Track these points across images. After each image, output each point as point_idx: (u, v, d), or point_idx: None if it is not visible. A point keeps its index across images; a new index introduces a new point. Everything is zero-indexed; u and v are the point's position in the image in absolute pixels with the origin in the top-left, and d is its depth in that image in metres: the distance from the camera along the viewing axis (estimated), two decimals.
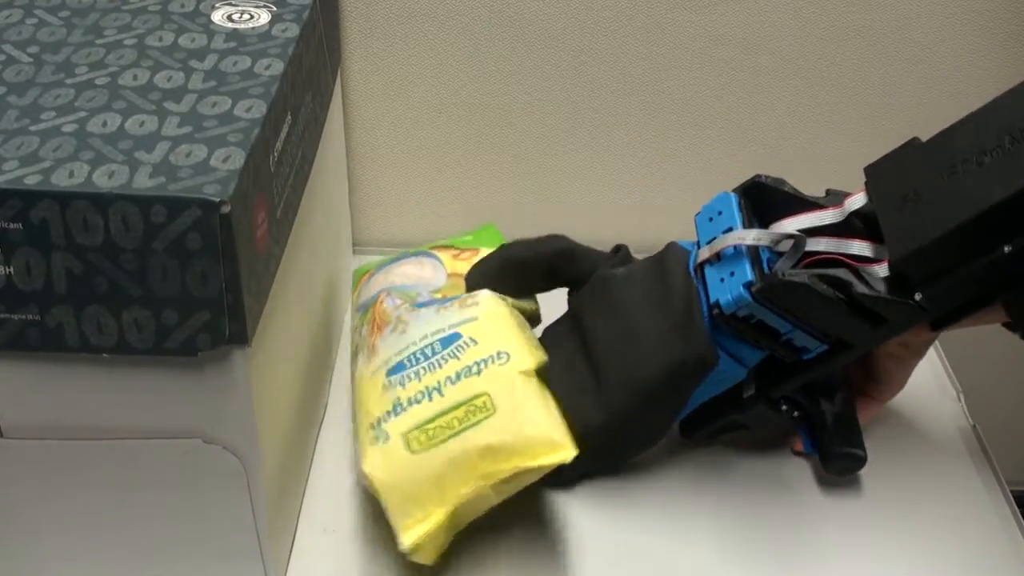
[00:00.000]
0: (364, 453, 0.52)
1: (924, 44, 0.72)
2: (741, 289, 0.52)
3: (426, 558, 0.52)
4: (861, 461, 0.58)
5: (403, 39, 0.72)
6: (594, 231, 0.80)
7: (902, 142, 0.56)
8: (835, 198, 0.56)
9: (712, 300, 0.53)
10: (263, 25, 0.54)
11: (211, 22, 0.55)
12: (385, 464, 0.51)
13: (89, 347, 0.44)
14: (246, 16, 0.55)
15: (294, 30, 0.54)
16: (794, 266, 0.52)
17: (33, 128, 0.45)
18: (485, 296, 0.56)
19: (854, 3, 0.71)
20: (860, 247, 0.53)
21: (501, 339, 0.54)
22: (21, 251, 0.42)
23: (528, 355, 0.53)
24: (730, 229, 0.54)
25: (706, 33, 0.72)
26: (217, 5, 0.56)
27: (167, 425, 0.47)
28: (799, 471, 0.61)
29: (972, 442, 0.64)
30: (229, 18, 0.55)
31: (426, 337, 0.55)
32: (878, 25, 0.71)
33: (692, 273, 0.55)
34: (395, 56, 0.73)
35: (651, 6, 0.71)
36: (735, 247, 0.53)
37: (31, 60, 0.50)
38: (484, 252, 0.63)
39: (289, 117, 0.52)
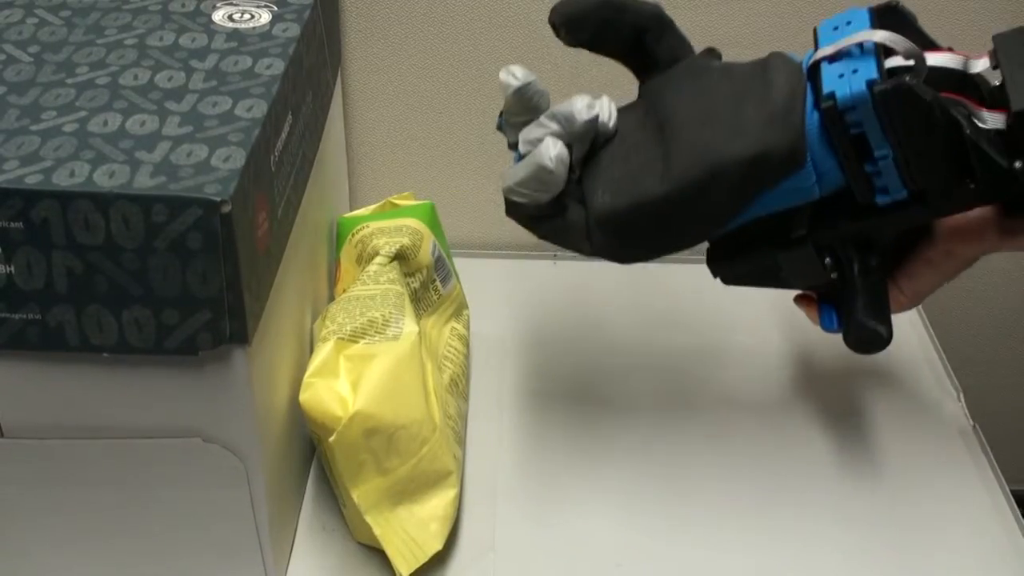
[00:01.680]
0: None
1: None
2: (863, 85, 0.49)
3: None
4: (884, 341, 0.54)
5: (403, 39, 0.72)
6: None
7: None
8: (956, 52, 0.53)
9: (827, 92, 0.50)
10: (264, 25, 0.55)
11: (212, 22, 0.55)
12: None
13: (89, 346, 0.44)
14: (247, 16, 0.55)
15: (295, 30, 0.54)
16: None
17: (34, 128, 0.45)
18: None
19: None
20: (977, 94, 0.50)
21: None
22: (22, 250, 0.42)
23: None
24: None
25: (706, 33, 0.72)
26: (218, 5, 0.56)
27: (167, 425, 0.47)
28: (798, 471, 0.61)
29: (972, 442, 0.64)
30: (230, 18, 0.55)
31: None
32: None
33: (802, 72, 0.52)
34: (395, 56, 0.73)
35: None
36: (861, 46, 0.51)
37: (32, 60, 0.50)
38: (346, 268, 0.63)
39: (290, 117, 0.52)
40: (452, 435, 0.57)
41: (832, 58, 0.51)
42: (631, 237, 0.53)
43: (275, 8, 0.56)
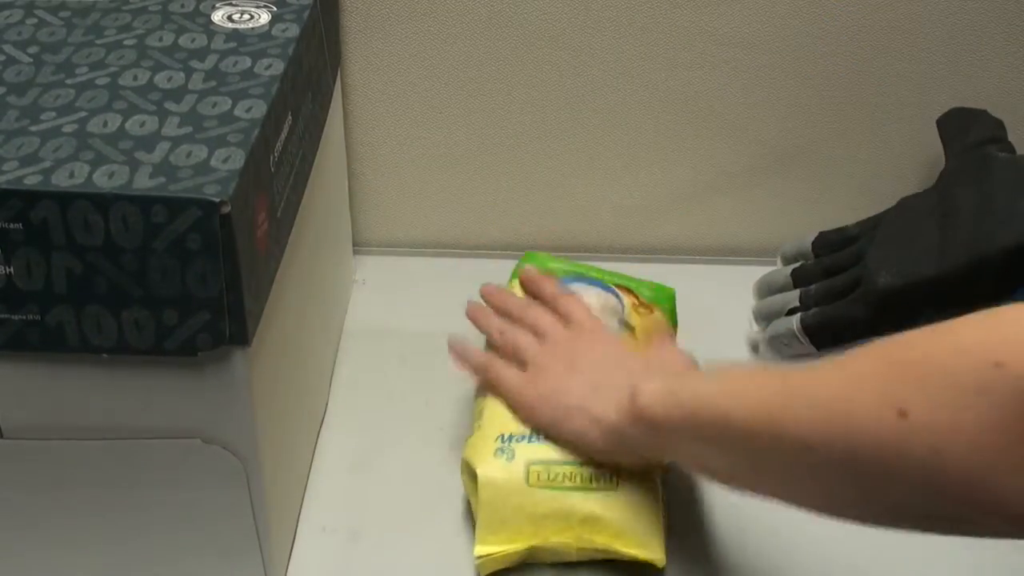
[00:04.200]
0: (482, 457, 0.55)
1: (924, 44, 0.72)
2: None
3: (485, 570, 0.54)
4: None
5: (403, 39, 0.72)
6: (594, 231, 0.80)
7: (902, 142, 0.56)
8: None
9: None
10: (263, 25, 0.55)
11: (211, 22, 0.55)
12: (500, 479, 0.54)
13: (89, 347, 0.44)
14: (246, 16, 0.55)
15: (294, 30, 0.54)
16: None
17: (33, 128, 0.45)
18: None
19: (854, 3, 0.71)
20: None
21: None
22: (21, 251, 0.42)
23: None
24: None
25: (706, 33, 0.72)
26: (217, 5, 0.56)
27: (167, 425, 0.47)
28: None
29: None
30: (229, 18, 0.55)
31: None
32: (878, 25, 0.71)
33: None
34: (395, 56, 0.73)
35: (651, 6, 0.71)
36: None
37: (31, 60, 0.50)
38: (658, 313, 0.64)
39: (289, 117, 0.52)
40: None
41: None
42: (910, 310, 0.58)
43: (275, 8, 0.56)
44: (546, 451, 0.55)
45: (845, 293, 0.62)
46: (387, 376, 0.68)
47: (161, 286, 0.42)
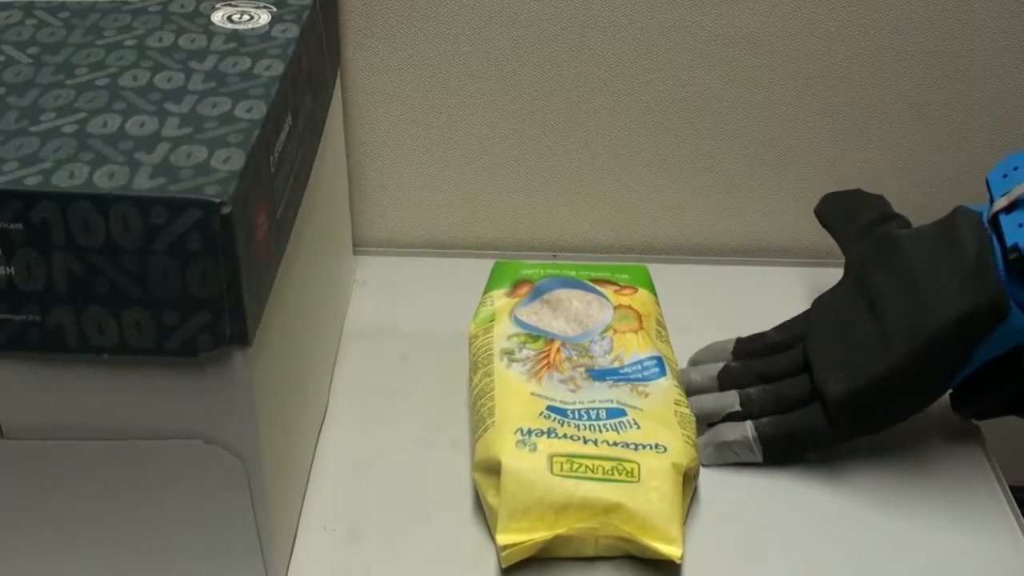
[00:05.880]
0: (504, 449, 0.55)
1: (924, 44, 0.72)
2: None
3: (508, 560, 0.54)
4: None
5: (403, 39, 0.72)
6: (594, 231, 0.80)
7: (902, 142, 0.56)
8: None
9: (1010, 244, 0.53)
10: (263, 26, 0.55)
11: (211, 23, 0.55)
12: (524, 468, 0.54)
13: (89, 348, 0.44)
14: (246, 17, 0.55)
15: (294, 31, 0.54)
16: None
17: (33, 129, 0.45)
18: (657, 389, 0.60)
19: (854, 3, 0.71)
20: None
21: (663, 433, 0.57)
22: (22, 252, 0.42)
23: (683, 452, 0.56)
24: None
25: (706, 33, 0.72)
26: (217, 6, 0.56)
27: (167, 425, 0.47)
28: (795, 469, 0.61)
29: (972, 442, 0.64)
30: (229, 19, 0.55)
31: (594, 402, 0.59)
32: (878, 25, 0.71)
33: (985, 225, 0.56)
34: (395, 56, 0.73)
35: (651, 6, 0.71)
36: None
37: (31, 61, 0.50)
38: (642, 291, 0.67)
39: (289, 118, 0.52)
40: None
41: (1008, 209, 0.54)
42: (871, 412, 0.58)
43: (274, 9, 0.56)
44: (566, 444, 0.55)
45: (796, 403, 0.60)
46: (387, 376, 0.68)
47: (161, 287, 0.42)
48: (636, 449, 0.56)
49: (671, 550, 0.53)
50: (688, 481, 0.57)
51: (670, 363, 0.63)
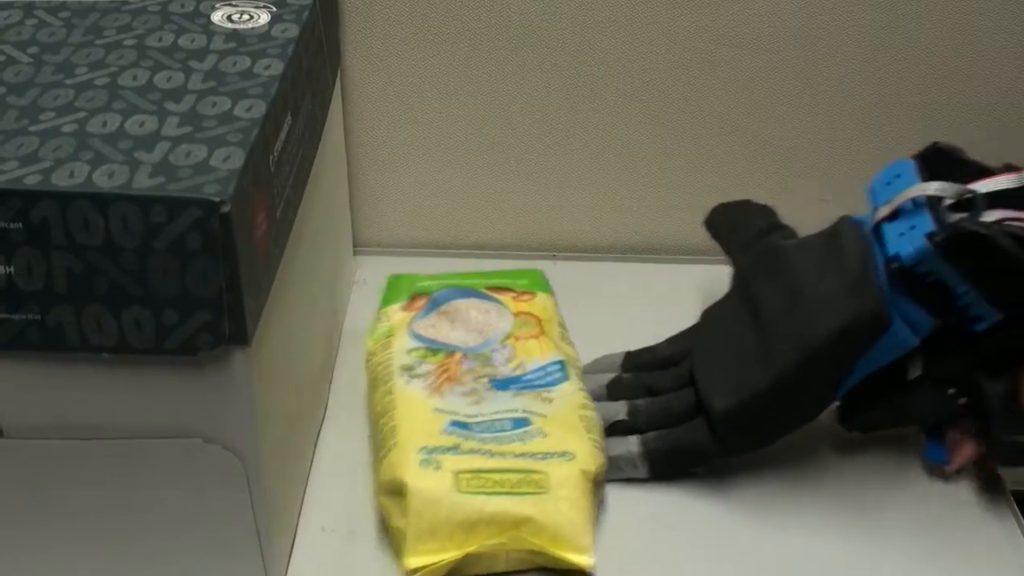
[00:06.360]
0: (408, 470, 0.54)
1: (924, 44, 0.72)
2: (923, 240, 0.51)
3: None
4: None
5: (403, 39, 0.72)
6: (594, 231, 0.80)
7: (902, 142, 0.56)
8: (1012, 168, 0.55)
9: (891, 254, 0.52)
10: (263, 25, 0.55)
11: (211, 23, 0.55)
12: (429, 488, 0.53)
13: (89, 347, 0.44)
14: (246, 16, 0.55)
15: (294, 30, 0.54)
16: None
17: (33, 128, 0.45)
18: (561, 393, 0.59)
19: (854, 3, 0.71)
20: None
21: (569, 439, 0.56)
22: (22, 251, 0.42)
23: (591, 457, 0.56)
24: None
25: (706, 33, 0.72)
26: (217, 6, 0.56)
27: (167, 425, 0.47)
28: (795, 470, 0.61)
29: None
30: (229, 18, 0.55)
31: (498, 413, 0.58)
32: (878, 25, 0.71)
33: (868, 235, 0.55)
34: (395, 56, 0.73)
35: (651, 6, 0.71)
36: (914, 200, 0.53)
37: (31, 60, 0.50)
38: (540, 295, 0.67)
39: (289, 117, 0.52)
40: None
41: (890, 217, 0.54)
42: (757, 425, 0.57)
43: (274, 9, 0.56)
44: (472, 460, 0.54)
45: (684, 416, 0.59)
46: None
47: (161, 286, 0.43)
48: (543, 459, 0.55)
49: (582, 559, 0.53)
50: (597, 486, 0.56)
51: (574, 365, 0.62)
